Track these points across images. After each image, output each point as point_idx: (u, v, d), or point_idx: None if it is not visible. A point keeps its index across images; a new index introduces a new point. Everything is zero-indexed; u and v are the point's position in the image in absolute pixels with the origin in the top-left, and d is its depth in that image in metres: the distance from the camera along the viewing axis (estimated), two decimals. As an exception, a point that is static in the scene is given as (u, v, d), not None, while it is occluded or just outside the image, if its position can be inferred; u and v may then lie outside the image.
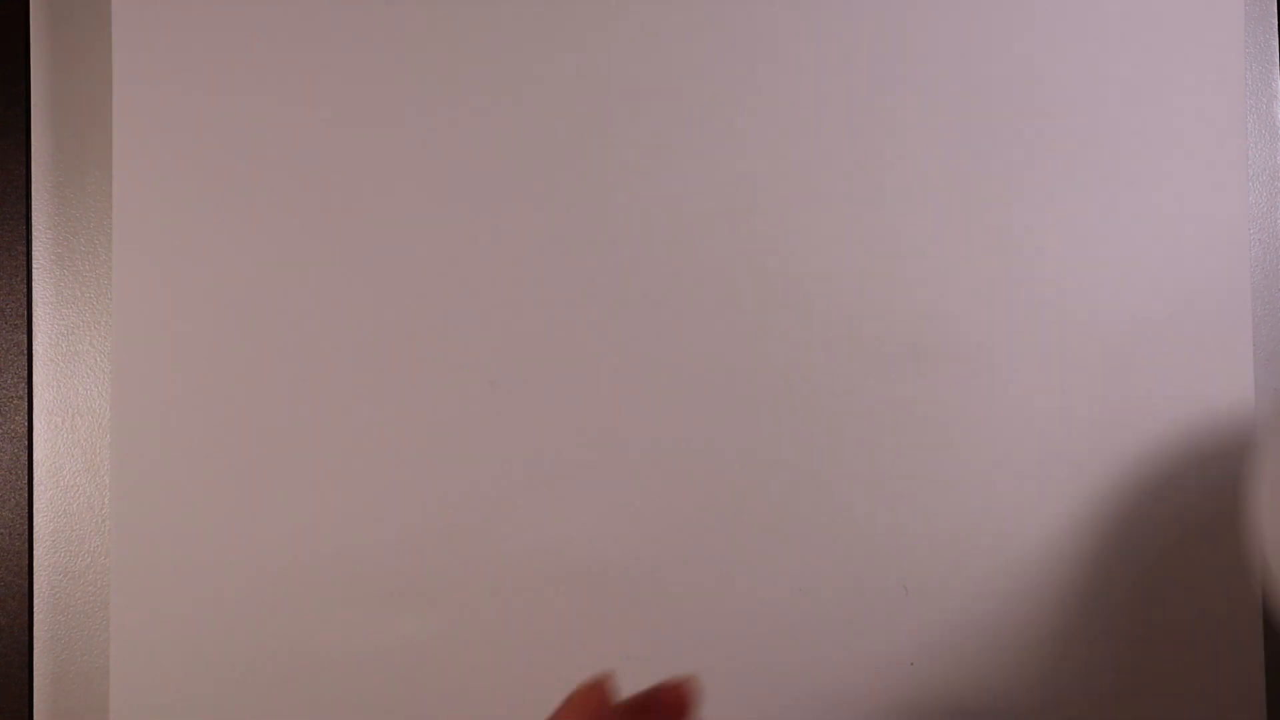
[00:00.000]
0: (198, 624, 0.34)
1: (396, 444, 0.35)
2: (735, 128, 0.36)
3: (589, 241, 0.35)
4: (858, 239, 0.36)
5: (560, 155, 0.35)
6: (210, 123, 0.35)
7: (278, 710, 0.34)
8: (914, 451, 0.35)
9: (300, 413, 0.34)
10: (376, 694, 0.34)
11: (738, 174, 0.36)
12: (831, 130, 0.36)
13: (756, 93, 0.36)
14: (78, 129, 0.36)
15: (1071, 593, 0.36)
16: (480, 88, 0.35)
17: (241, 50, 0.35)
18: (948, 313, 0.36)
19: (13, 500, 0.35)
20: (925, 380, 0.36)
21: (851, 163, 0.36)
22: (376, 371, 0.35)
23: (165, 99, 0.35)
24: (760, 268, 0.36)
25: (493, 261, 0.35)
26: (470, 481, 0.35)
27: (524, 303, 0.35)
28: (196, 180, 0.35)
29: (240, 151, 0.35)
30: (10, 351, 0.35)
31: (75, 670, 0.35)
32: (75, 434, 0.35)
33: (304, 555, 0.34)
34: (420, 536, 0.34)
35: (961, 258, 0.36)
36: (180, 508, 0.34)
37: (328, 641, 0.34)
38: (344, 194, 0.35)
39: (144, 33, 0.35)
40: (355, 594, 0.34)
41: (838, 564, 0.35)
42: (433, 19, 0.35)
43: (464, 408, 0.35)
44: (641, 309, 0.35)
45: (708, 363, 0.35)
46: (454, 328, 0.35)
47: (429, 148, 0.35)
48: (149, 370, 0.34)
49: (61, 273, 0.36)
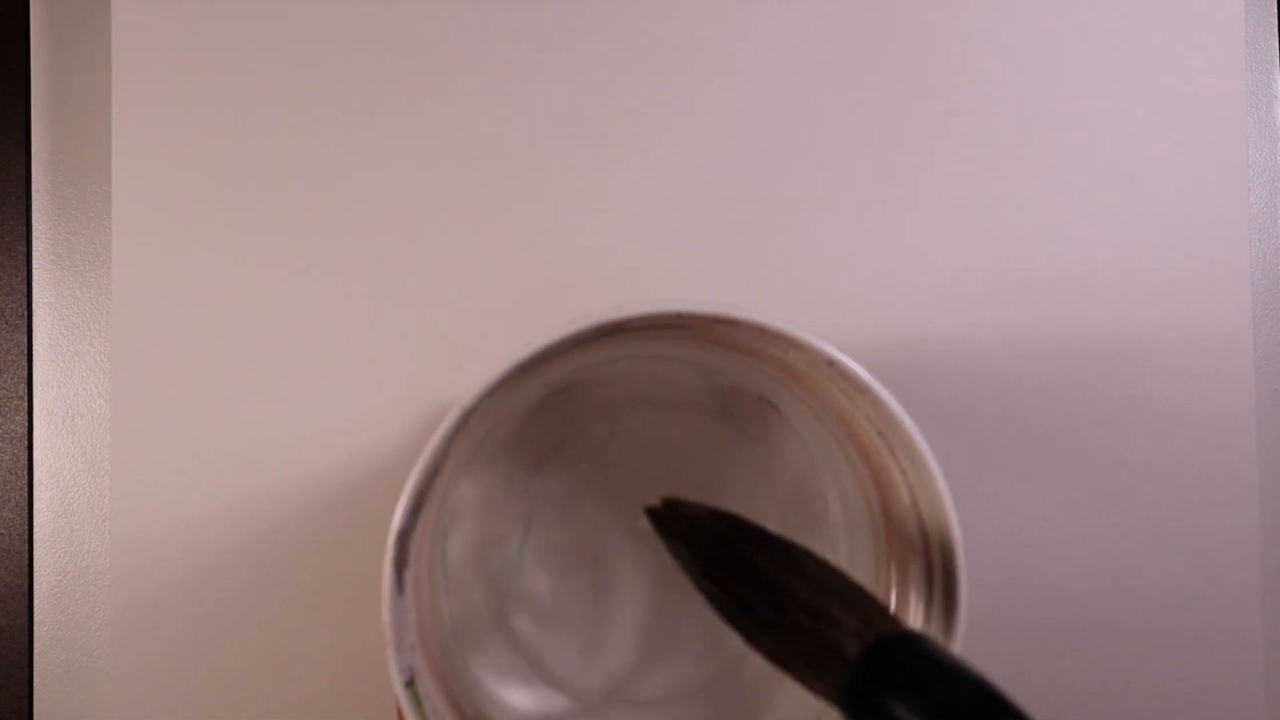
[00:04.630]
0: (198, 624, 0.34)
1: (398, 447, 0.35)
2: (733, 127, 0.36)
3: (588, 245, 0.35)
4: (856, 239, 0.36)
5: (560, 156, 0.35)
6: (210, 123, 0.35)
7: (278, 710, 0.34)
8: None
9: (301, 413, 0.34)
10: (377, 694, 0.34)
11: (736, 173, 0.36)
12: (829, 130, 0.36)
13: (753, 90, 0.36)
14: (78, 129, 0.36)
15: (1071, 593, 0.36)
16: (480, 88, 0.35)
17: (242, 50, 0.35)
18: (947, 313, 0.36)
19: (13, 500, 0.35)
20: (925, 385, 0.36)
21: (850, 162, 0.36)
22: (377, 373, 0.35)
23: (165, 99, 0.35)
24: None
25: (493, 262, 0.35)
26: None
27: (524, 306, 0.35)
28: (197, 180, 0.35)
29: (240, 152, 0.35)
30: (10, 351, 0.35)
31: (75, 670, 0.35)
32: (75, 434, 0.35)
33: (305, 556, 0.34)
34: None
35: (960, 258, 0.36)
36: (180, 508, 0.34)
37: (330, 642, 0.34)
38: (345, 194, 0.35)
39: (144, 33, 0.35)
40: (356, 593, 0.34)
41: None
42: (433, 19, 0.35)
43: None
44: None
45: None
46: (455, 327, 0.35)
47: (431, 148, 0.35)
48: (149, 370, 0.34)
49: (61, 273, 0.36)
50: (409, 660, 0.25)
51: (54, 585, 0.35)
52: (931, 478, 0.25)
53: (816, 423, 0.30)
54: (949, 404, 0.36)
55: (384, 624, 0.24)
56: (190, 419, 0.34)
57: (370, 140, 0.35)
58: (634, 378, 0.32)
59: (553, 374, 0.30)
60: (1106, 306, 0.36)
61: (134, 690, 0.34)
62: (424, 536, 0.27)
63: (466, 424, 0.24)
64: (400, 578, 0.24)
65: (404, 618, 0.25)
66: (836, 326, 0.36)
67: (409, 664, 0.25)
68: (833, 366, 0.24)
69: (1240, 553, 0.36)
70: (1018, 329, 0.36)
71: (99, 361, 0.36)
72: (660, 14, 0.36)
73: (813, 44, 0.36)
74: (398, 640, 0.24)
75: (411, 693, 0.24)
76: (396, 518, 0.24)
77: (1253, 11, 0.38)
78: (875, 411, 0.25)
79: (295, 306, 0.35)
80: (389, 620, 0.24)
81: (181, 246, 0.34)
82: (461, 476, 0.31)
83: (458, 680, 0.29)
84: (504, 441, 0.32)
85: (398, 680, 0.24)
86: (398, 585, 0.24)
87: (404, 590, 0.25)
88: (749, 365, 0.29)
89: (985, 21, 0.36)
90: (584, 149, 0.36)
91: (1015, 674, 0.35)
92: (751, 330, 0.24)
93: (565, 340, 0.24)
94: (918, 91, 0.36)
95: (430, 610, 0.28)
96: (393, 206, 0.35)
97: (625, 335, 0.26)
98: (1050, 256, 0.36)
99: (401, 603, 0.24)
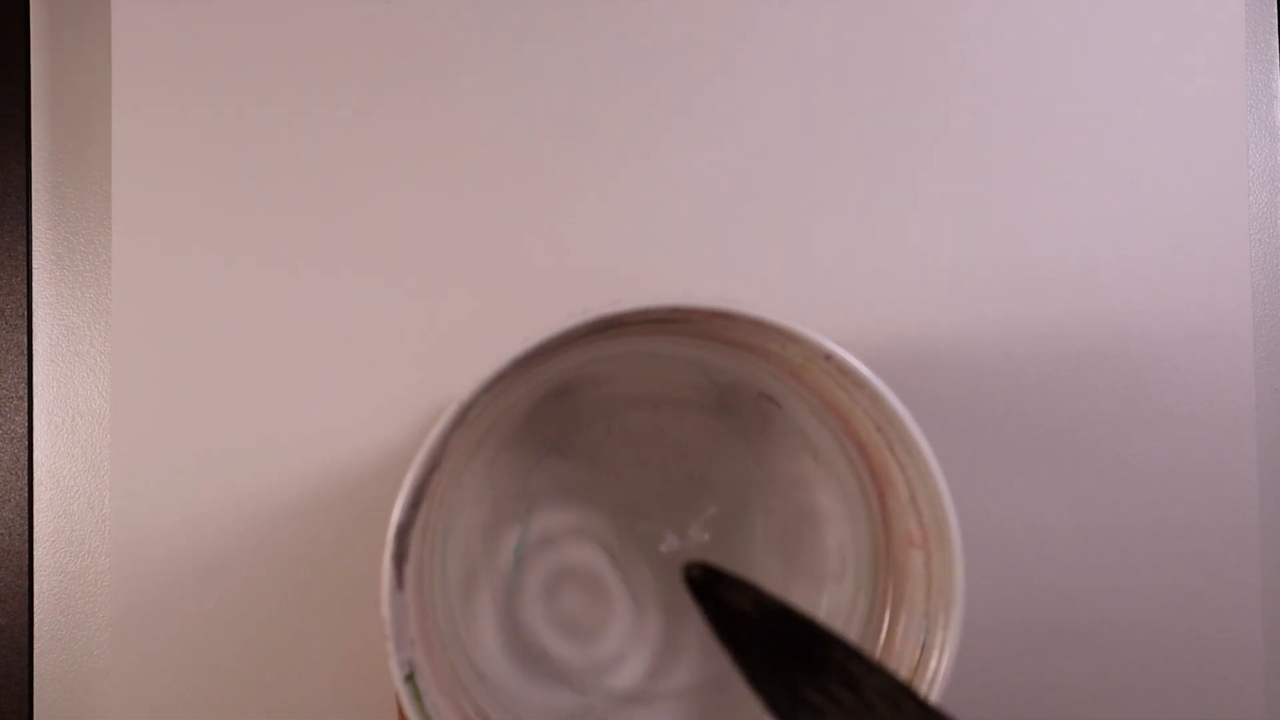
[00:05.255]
0: (198, 624, 0.34)
1: (399, 446, 0.35)
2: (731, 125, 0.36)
3: (587, 244, 0.35)
4: (856, 238, 0.36)
5: (560, 155, 0.35)
6: (210, 123, 0.35)
7: (278, 710, 0.34)
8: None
9: (301, 413, 0.34)
10: (378, 694, 0.34)
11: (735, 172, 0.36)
12: (829, 129, 0.36)
13: (753, 90, 0.36)
14: (78, 129, 0.36)
15: (1071, 593, 0.36)
16: (480, 88, 0.35)
17: (242, 51, 0.35)
18: (947, 313, 0.36)
19: (13, 500, 0.35)
20: (925, 383, 0.36)
21: (848, 162, 0.36)
22: (377, 373, 0.35)
23: (165, 99, 0.35)
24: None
25: (493, 261, 0.35)
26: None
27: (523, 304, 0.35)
28: (197, 180, 0.35)
29: (240, 151, 0.35)
30: (10, 351, 0.35)
31: (75, 670, 0.35)
32: (75, 434, 0.35)
33: (305, 556, 0.34)
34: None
35: (960, 257, 0.36)
36: (180, 508, 0.34)
37: (330, 642, 0.34)
38: (345, 193, 0.35)
39: (144, 33, 0.35)
40: (356, 593, 0.34)
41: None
42: (433, 19, 0.35)
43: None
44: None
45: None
46: (455, 326, 0.35)
47: (431, 148, 0.35)
48: (149, 370, 0.34)
49: (61, 273, 0.36)
50: (409, 655, 0.25)
51: (54, 585, 0.35)
52: (929, 471, 0.25)
53: (814, 419, 0.30)
54: (948, 403, 0.36)
55: (384, 619, 0.24)
56: (190, 419, 0.34)
57: (370, 140, 0.35)
58: (631, 376, 0.32)
59: (551, 372, 0.30)
60: (1106, 306, 0.36)
61: (134, 690, 0.34)
62: (424, 532, 0.27)
63: (465, 420, 0.24)
64: (400, 572, 0.24)
65: (404, 613, 0.25)
66: (836, 326, 0.36)
67: (409, 659, 0.25)
68: (830, 360, 0.24)
69: (1240, 553, 0.36)
70: (1017, 328, 0.36)
71: (99, 361, 0.36)
72: (660, 14, 0.36)
73: (813, 44, 0.36)
74: (397, 635, 0.24)
75: (411, 687, 0.24)
76: (396, 512, 0.24)
77: (1253, 11, 0.38)
78: (873, 406, 0.25)
79: (295, 306, 0.35)
80: (389, 615, 0.24)
81: (181, 246, 0.34)
82: (462, 474, 0.31)
83: (457, 676, 0.29)
84: (504, 439, 0.32)
85: (397, 674, 0.24)
86: (397, 580, 0.24)
87: (404, 585, 0.25)
88: (747, 361, 0.29)
89: (985, 21, 0.36)
90: (583, 148, 0.36)
91: (1015, 674, 0.35)
92: (749, 325, 0.24)
93: (564, 335, 0.24)
94: (918, 91, 0.36)
95: (430, 606, 0.28)
96: (392, 206, 0.35)
97: (623, 332, 0.26)
98: (1050, 256, 0.36)
99: (401, 598, 0.24)
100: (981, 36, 0.36)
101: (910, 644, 0.27)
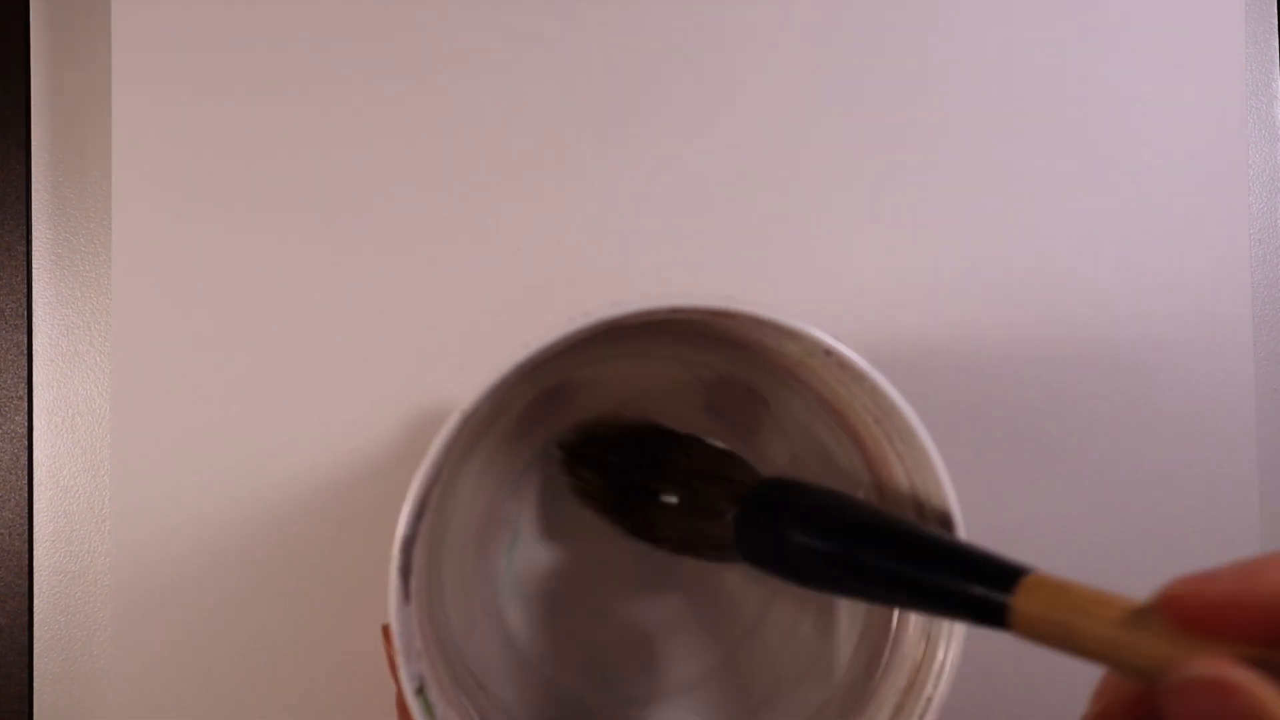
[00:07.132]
0: (198, 625, 0.34)
1: (398, 447, 0.35)
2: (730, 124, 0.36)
3: (586, 244, 0.35)
4: (855, 239, 0.36)
5: (560, 155, 0.35)
6: (210, 122, 0.35)
7: (278, 710, 0.34)
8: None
9: (300, 413, 0.34)
10: (378, 694, 0.34)
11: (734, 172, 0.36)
12: (828, 129, 0.36)
13: (753, 90, 0.36)
14: (78, 129, 0.36)
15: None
16: (479, 88, 0.35)
17: (242, 50, 0.35)
18: (946, 313, 0.36)
19: (13, 500, 0.35)
20: (925, 385, 0.36)
21: (848, 161, 0.36)
22: (376, 373, 0.35)
23: (165, 99, 0.35)
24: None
25: (492, 261, 0.35)
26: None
27: (523, 304, 0.35)
28: (197, 180, 0.35)
29: (240, 151, 0.35)
30: (10, 351, 0.35)
31: (75, 670, 0.35)
32: (75, 434, 0.35)
33: (305, 556, 0.34)
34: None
35: (960, 257, 0.36)
36: (180, 508, 0.34)
37: (330, 642, 0.34)
38: (345, 195, 0.35)
39: (144, 33, 0.35)
40: (356, 593, 0.34)
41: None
42: (434, 19, 0.35)
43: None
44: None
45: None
46: (454, 327, 0.35)
47: (431, 147, 0.35)
48: (149, 370, 0.34)
49: (61, 273, 0.36)
50: (418, 667, 0.24)
51: (54, 585, 0.35)
52: (928, 459, 0.25)
53: (809, 415, 0.30)
54: (948, 404, 0.36)
55: (393, 633, 0.23)
56: (190, 419, 0.34)
57: (370, 142, 0.35)
58: (620, 377, 0.32)
59: (544, 375, 0.29)
60: (1106, 306, 0.36)
61: (134, 690, 0.34)
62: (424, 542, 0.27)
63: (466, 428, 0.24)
64: (406, 585, 0.24)
65: (411, 625, 0.24)
66: (836, 325, 0.36)
67: (418, 671, 0.24)
68: (830, 355, 0.24)
69: (1240, 553, 0.36)
70: (1017, 329, 0.36)
71: (99, 361, 0.36)
72: (659, 13, 0.36)
73: (812, 43, 0.36)
74: (407, 648, 0.24)
75: (422, 700, 0.24)
76: (401, 525, 0.23)
77: (1253, 11, 0.38)
78: (872, 399, 0.25)
79: (295, 306, 0.35)
80: (397, 628, 0.23)
81: (181, 247, 0.34)
82: (454, 480, 0.31)
83: (460, 684, 0.29)
84: (496, 445, 0.32)
85: (409, 688, 0.24)
86: (404, 593, 0.24)
87: (410, 598, 0.24)
88: (742, 359, 0.29)
89: (985, 21, 0.36)
90: (582, 148, 0.36)
91: (1015, 674, 0.35)
92: (749, 322, 0.24)
93: (566, 339, 0.23)
94: (917, 91, 0.36)
95: (431, 616, 0.28)
96: (392, 207, 0.35)
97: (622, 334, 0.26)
98: (1050, 256, 0.36)
99: (408, 610, 0.24)
100: (982, 36, 0.36)
101: (916, 635, 0.27)
